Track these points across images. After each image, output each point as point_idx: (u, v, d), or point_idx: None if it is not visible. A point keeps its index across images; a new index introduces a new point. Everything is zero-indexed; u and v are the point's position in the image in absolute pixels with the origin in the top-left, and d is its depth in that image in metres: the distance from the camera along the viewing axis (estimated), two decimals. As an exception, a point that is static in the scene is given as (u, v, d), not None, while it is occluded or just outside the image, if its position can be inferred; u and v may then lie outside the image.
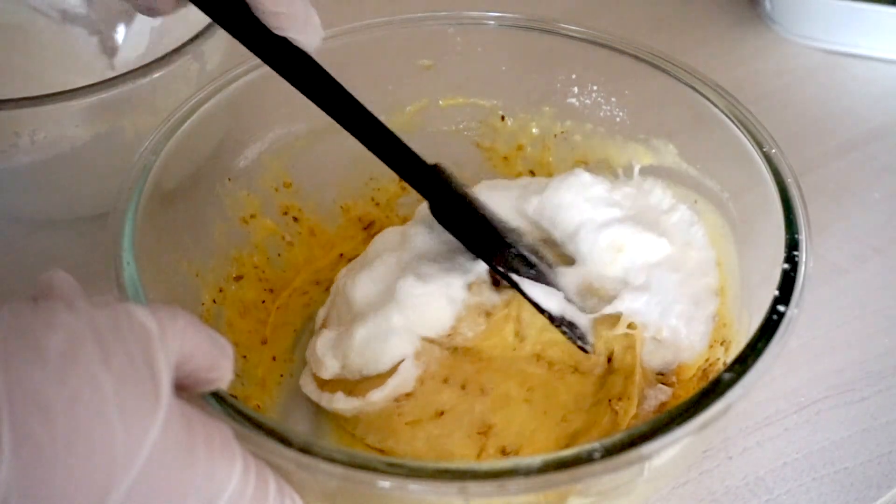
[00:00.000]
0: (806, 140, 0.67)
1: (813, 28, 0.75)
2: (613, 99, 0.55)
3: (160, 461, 0.30)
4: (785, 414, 0.50)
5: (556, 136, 0.56)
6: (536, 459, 0.34)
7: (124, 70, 0.54)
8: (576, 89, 0.55)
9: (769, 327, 0.38)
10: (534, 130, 0.57)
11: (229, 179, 0.53)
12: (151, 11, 0.43)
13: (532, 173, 0.57)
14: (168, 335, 0.32)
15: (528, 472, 0.33)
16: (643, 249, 0.49)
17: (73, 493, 0.28)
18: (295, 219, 0.56)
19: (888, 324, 0.55)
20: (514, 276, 0.47)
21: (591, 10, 0.78)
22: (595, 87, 0.55)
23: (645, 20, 0.79)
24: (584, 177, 0.50)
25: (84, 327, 0.30)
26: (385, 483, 0.34)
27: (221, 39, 0.57)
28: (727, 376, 0.37)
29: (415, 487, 0.34)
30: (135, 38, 0.65)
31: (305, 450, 0.35)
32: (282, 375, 0.51)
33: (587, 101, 0.55)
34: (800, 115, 0.69)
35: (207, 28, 0.56)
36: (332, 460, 0.34)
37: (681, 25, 0.78)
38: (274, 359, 0.52)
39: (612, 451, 0.34)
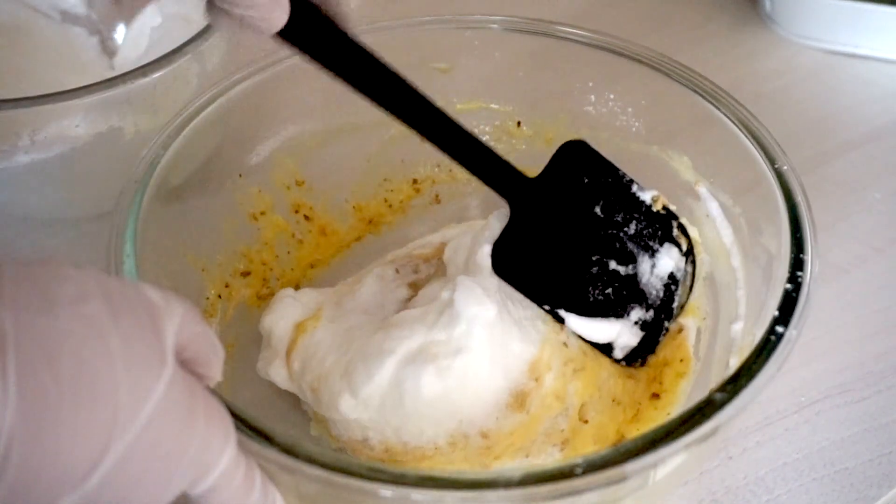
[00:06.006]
0: (806, 140, 0.67)
1: (813, 28, 0.75)
2: (630, 109, 0.54)
3: (161, 421, 0.30)
4: (785, 414, 0.50)
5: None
6: (517, 472, 0.34)
7: (124, 70, 0.54)
8: (592, 97, 0.55)
9: (765, 348, 0.38)
10: (549, 137, 0.57)
11: (240, 175, 0.53)
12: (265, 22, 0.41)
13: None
14: (173, 312, 0.32)
15: (507, 484, 0.33)
16: None
17: (76, 442, 0.28)
18: (306, 217, 0.56)
19: (888, 324, 0.55)
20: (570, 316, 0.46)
21: (590, 9, 0.78)
22: (612, 96, 0.55)
23: (644, 19, 0.78)
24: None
25: (93, 285, 0.30)
26: (366, 487, 0.34)
27: (221, 39, 0.57)
28: (719, 396, 0.36)
29: (389, 494, 0.34)
30: (135, 38, 0.65)
31: (288, 451, 0.35)
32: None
33: (603, 110, 0.55)
34: (800, 115, 0.69)
35: (207, 28, 0.56)
36: (313, 462, 0.34)
37: (680, 25, 0.78)
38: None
39: (594, 468, 0.34)
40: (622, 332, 0.47)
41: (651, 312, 0.48)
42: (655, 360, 0.48)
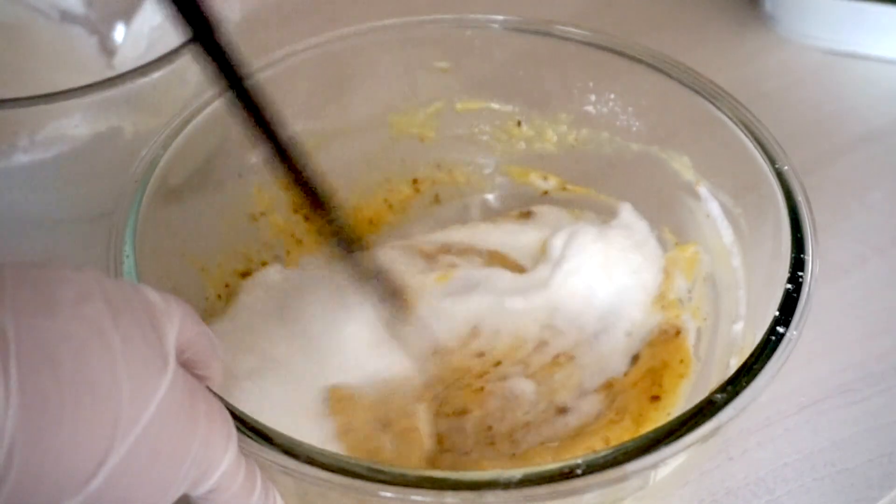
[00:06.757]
0: (806, 140, 0.66)
1: (813, 28, 0.75)
2: (630, 109, 0.54)
3: (163, 422, 0.30)
4: (785, 414, 0.50)
5: (572, 146, 0.56)
6: (517, 472, 0.33)
7: (124, 70, 0.54)
8: (593, 97, 0.55)
9: (766, 348, 0.38)
10: (549, 137, 0.57)
11: (240, 175, 0.52)
12: None
13: (545, 178, 0.57)
14: (172, 313, 0.32)
15: (507, 484, 0.33)
16: None
17: (79, 444, 0.28)
18: (306, 217, 0.56)
19: (889, 324, 0.55)
20: None
21: (590, 9, 0.78)
22: (612, 96, 0.54)
23: (644, 20, 0.78)
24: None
25: (93, 286, 0.30)
26: (366, 488, 0.34)
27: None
28: (719, 397, 0.36)
29: (389, 495, 0.34)
30: (134, 38, 0.65)
31: (288, 451, 0.35)
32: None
33: (603, 110, 0.55)
34: (800, 115, 0.69)
35: (207, 28, 0.56)
36: (313, 462, 0.34)
37: (681, 25, 0.78)
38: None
39: (595, 468, 0.34)
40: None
41: None
42: (655, 362, 0.48)
